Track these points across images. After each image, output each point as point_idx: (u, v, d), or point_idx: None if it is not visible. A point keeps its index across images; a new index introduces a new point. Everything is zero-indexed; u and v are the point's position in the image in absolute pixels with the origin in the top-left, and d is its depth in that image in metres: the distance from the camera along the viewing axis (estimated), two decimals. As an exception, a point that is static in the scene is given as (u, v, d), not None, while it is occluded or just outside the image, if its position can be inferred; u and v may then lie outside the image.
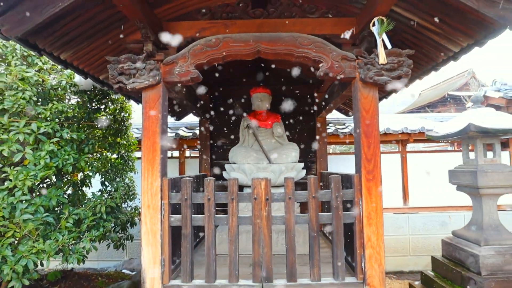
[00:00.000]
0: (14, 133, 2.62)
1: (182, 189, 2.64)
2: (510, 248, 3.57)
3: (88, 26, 2.42)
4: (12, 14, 2.00)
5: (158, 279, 2.57)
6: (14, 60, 2.81)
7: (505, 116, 3.71)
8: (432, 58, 2.85)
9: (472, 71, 24.68)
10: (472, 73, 24.60)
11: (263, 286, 2.60)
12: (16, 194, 2.61)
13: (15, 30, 2.02)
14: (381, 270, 2.59)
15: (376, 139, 2.61)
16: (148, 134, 2.60)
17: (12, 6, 1.99)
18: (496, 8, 2.00)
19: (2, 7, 1.97)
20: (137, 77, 2.55)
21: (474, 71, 24.89)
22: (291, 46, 2.62)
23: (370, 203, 2.60)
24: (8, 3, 1.97)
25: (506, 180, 3.65)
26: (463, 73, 25.50)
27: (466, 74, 24.79)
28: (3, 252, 2.51)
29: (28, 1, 1.98)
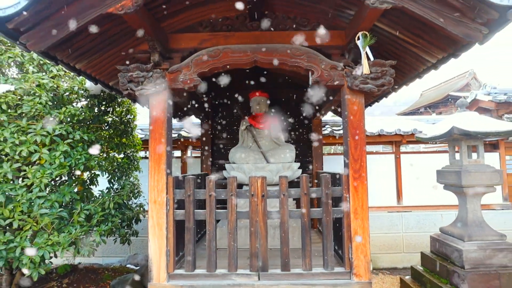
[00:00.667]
0: (32, 135, 2.93)
1: (186, 186, 2.94)
2: (492, 243, 3.86)
3: (101, 40, 2.72)
4: (36, 31, 2.31)
5: (163, 268, 2.87)
6: (32, 67, 3.11)
7: (486, 119, 4.01)
8: (414, 67, 3.15)
9: (473, 71, 24.92)
10: (473, 74, 24.84)
11: (259, 274, 2.90)
12: (34, 190, 2.91)
13: (38, 45, 2.32)
14: (366, 261, 2.89)
15: (362, 141, 2.91)
16: (154, 136, 2.90)
17: (36, 24, 2.29)
18: (462, 27, 2.30)
19: (27, 25, 2.27)
20: (145, 84, 2.85)
21: (475, 71, 25.12)
22: (285, 56, 2.92)
23: (356, 200, 2.90)
24: (33, 22, 2.27)
25: (489, 180, 3.95)
26: (464, 74, 25.75)
27: (467, 75, 25.03)
28: (22, 244, 2.81)
29: (51, 20, 2.28)
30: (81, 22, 2.29)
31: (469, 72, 24.95)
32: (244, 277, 2.89)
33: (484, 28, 2.33)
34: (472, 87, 23.15)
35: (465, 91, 23.56)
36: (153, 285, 2.87)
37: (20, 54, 3.09)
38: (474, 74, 24.92)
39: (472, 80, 24.42)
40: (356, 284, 2.85)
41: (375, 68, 2.80)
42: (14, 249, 2.79)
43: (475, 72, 25.17)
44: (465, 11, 2.31)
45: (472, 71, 24.91)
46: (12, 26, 2.23)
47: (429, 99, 25.34)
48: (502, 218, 5.91)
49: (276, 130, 4.43)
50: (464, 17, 2.33)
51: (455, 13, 2.31)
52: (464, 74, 25.54)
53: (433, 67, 3.07)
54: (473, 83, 23.97)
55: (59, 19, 2.29)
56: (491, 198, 5.92)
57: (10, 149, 2.81)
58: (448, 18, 2.32)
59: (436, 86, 27.74)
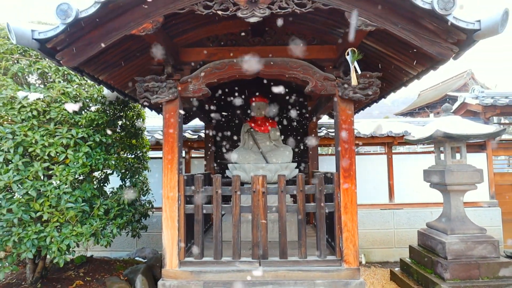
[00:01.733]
0: (59, 137, 3.34)
1: (195, 184, 3.36)
2: (472, 236, 4.30)
3: (121, 55, 3.14)
4: (69, 50, 2.72)
5: (175, 255, 3.30)
6: (58, 78, 3.52)
7: (468, 123, 4.44)
8: (398, 78, 3.57)
9: (471, 72, 25.30)
10: (471, 74, 25.21)
11: (260, 261, 3.32)
12: (61, 187, 3.32)
13: (71, 62, 2.73)
14: (355, 249, 3.32)
15: (352, 143, 3.33)
16: (168, 139, 3.32)
17: (70, 44, 2.70)
18: (436, 46, 2.72)
19: (63, 45, 2.68)
20: (159, 93, 3.27)
21: (473, 72, 25.50)
22: (283, 69, 3.34)
23: (346, 196, 3.32)
24: (67, 42, 2.68)
25: (470, 178, 4.38)
26: (462, 74, 26.12)
27: (465, 75, 25.39)
28: (51, 233, 3.22)
29: (82, 41, 2.69)
30: (108, 42, 2.71)
31: (467, 72, 25.33)
32: (247, 264, 3.32)
33: (455, 47, 2.76)
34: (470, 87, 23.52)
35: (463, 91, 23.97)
36: (167, 270, 3.30)
37: (48, 65, 3.49)
38: (472, 74, 25.28)
39: (470, 80, 24.78)
40: (346, 270, 3.28)
41: (363, 80, 3.23)
42: (44, 238, 3.20)
43: (473, 72, 25.53)
44: (439, 33, 2.73)
45: (470, 71, 25.29)
46: (50, 46, 2.64)
47: (427, 99, 25.74)
48: (489, 215, 6.35)
49: (274, 132, 4.85)
50: (437, 38, 2.75)
51: (430, 34, 2.73)
52: (462, 74, 25.92)
53: (415, 77, 3.49)
54: (471, 83, 24.30)
55: (89, 39, 2.70)
56: (479, 196, 6.37)
57: (40, 150, 3.22)
58: (424, 39, 2.75)
59: (434, 86, 28.13)
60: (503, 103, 6.12)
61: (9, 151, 3.16)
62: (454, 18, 2.55)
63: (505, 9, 2.49)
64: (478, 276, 4.10)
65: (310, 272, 3.28)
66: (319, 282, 3.24)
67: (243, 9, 2.69)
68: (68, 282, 4.00)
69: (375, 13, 2.71)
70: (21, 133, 3.18)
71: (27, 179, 3.19)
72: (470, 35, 2.64)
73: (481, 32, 2.55)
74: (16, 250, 3.18)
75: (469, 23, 2.56)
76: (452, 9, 2.51)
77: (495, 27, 2.51)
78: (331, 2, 2.69)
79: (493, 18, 2.51)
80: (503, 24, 2.52)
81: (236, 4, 2.69)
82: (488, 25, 2.53)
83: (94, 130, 3.67)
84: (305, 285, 3.23)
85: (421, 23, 2.69)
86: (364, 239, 6.27)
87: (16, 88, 3.30)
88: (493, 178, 6.38)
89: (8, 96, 3.23)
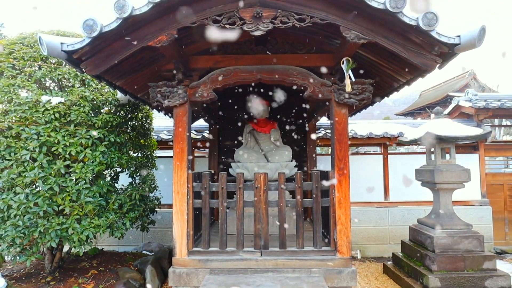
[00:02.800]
0: (78, 138, 3.70)
1: (203, 180, 3.72)
2: (459, 231, 4.66)
3: (137, 63, 3.49)
4: (92, 60, 3.07)
5: (184, 245, 3.66)
6: (76, 83, 3.88)
7: (457, 125, 4.80)
8: (390, 84, 3.93)
9: (473, 72, 25.51)
10: (473, 74, 25.40)
11: (261, 251, 3.69)
12: (80, 183, 3.68)
13: (94, 71, 3.09)
14: (348, 241, 3.68)
15: (346, 144, 3.69)
16: (178, 139, 3.68)
17: (93, 55, 3.06)
18: (421, 58, 3.07)
19: (86, 56, 3.04)
20: (170, 98, 3.63)
21: (475, 72, 25.70)
22: (284, 75, 3.70)
23: (341, 192, 3.68)
24: (91, 53, 3.04)
25: (458, 178, 4.74)
26: (464, 74, 26.35)
27: (467, 75, 25.60)
28: (72, 225, 3.59)
29: (104, 52, 3.05)
30: (127, 53, 3.06)
31: (469, 72, 25.53)
32: (249, 254, 3.68)
33: (438, 58, 3.11)
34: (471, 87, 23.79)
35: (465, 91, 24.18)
36: (177, 259, 3.67)
37: (67, 71, 3.85)
38: (474, 75, 25.47)
39: (472, 80, 24.98)
40: (340, 259, 3.64)
41: (357, 86, 3.58)
42: (65, 229, 3.56)
43: (475, 72, 25.72)
44: (424, 46, 3.08)
45: (472, 72, 25.49)
46: (76, 56, 3.00)
47: (429, 99, 26.00)
48: (480, 213, 6.71)
49: (275, 133, 5.22)
50: (423, 50, 3.10)
51: (416, 47, 3.09)
52: (464, 75, 26.13)
53: (405, 84, 3.85)
54: (472, 83, 24.49)
55: (110, 51, 3.06)
56: (471, 195, 6.73)
57: (62, 149, 3.58)
58: (411, 51, 3.10)
59: (436, 87, 28.40)
60: (495, 106, 6.47)
61: (35, 150, 3.52)
62: (437, 33, 2.90)
63: (482, 26, 2.84)
64: (463, 268, 4.46)
65: (306, 261, 3.64)
66: (315, 270, 3.61)
67: (249, 23, 3.05)
68: (83, 272, 4.38)
69: (367, 27, 3.06)
70: (45, 134, 3.55)
71: (50, 176, 3.56)
72: (451, 48, 2.99)
73: (461, 46, 2.91)
74: (41, 240, 3.54)
75: (450, 38, 2.91)
76: (435, 26, 2.86)
77: (473, 41, 2.86)
78: (328, 18, 3.05)
79: (471, 33, 2.86)
80: (480, 39, 2.87)
81: (242, 19, 3.05)
82: (467, 40, 2.88)
83: (109, 131, 4.02)
84: (302, 273, 3.60)
85: (408, 37, 3.05)
86: (360, 236, 6.65)
87: (40, 93, 3.66)
88: (484, 178, 6.74)
89: (33, 100, 3.59)
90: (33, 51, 3.86)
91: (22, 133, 3.54)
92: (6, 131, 3.59)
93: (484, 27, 2.83)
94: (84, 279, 4.15)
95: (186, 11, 2.99)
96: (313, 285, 3.35)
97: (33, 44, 3.91)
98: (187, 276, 3.62)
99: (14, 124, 3.57)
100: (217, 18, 3.05)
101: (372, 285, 5.02)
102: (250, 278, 3.53)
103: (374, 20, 3.02)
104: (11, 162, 3.53)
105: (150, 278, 4.52)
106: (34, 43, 3.91)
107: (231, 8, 3.02)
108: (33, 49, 3.88)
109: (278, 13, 3.03)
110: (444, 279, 4.34)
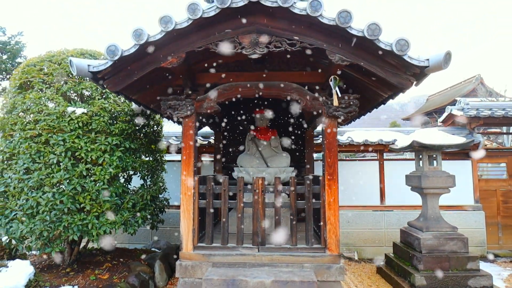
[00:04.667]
0: (98, 144, 4.28)
1: (207, 183, 4.27)
2: (445, 234, 5.10)
3: (151, 81, 4.07)
4: (114, 78, 3.66)
5: (190, 241, 4.20)
6: (97, 95, 4.49)
7: (443, 135, 5.26)
8: (375, 98, 4.44)
9: (480, 76, 25.59)
10: (480, 79, 25.48)
11: (259, 248, 4.21)
12: (98, 184, 4.26)
13: (114, 88, 3.68)
14: (337, 239, 4.16)
15: (335, 152, 4.19)
16: (186, 146, 4.23)
17: (114, 74, 3.64)
18: (397, 77, 3.58)
19: (108, 75, 3.63)
20: (179, 110, 4.19)
21: (482, 76, 25.77)
22: (280, 91, 4.23)
23: (330, 195, 4.18)
24: (112, 73, 3.62)
25: (443, 183, 5.19)
26: (471, 79, 26.45)
27: (474, 80, 25.71)
28: (92, 221, 4.15)
29: (124, 72, 3.63)
30: (142, 73, 3.64)
31: (476, 77, 25.63)
32: (248, 249, 4.20)
33: (412, 78, 3.61)
34: (478, 92, 23.83)
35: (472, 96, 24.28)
36: (183, 253, 4.20)
37: (89, 86, 4.45)
38: (481, 79, 25.53)
39: (479, 85, 25.05)
40: (329, 256, 4.13)
41: (344, 100, 4.09)
42: (86, 224, 4.13)
43: (482, 77, 25.78)
44: (399, 67, 3.59)
45: (479, 76, 25.57)
46: (100, 76, 3.58)
47: (435, 104, 26.19)
48: (474, 218, 7.11)
49: (275, 141, 5.75)
50: (398, 71, 3.61)
51: (393, 68, 3.59)
52: (471, 79, 26.23)
53: (389, 98, 4.35)
54: (479, 88, 24.51)
55: (129, 71, 3.64)
56: (464, 200, 7.15)
57: (84, 154, 4.17)
58: (388, 71, 3.61)
59: (443, 91, 28.52)
60: (486, 115, 6.90)
61: (61, 154, 4.12)
62: (408, 57, 3.40)
63: (447, 51, 3.33)
64: (448, 268, 4.89)
65: (299, 257, 4.14)
66: (306, 265, 4.11)
67: (247, 48, 3.60)
68: (99, 265, 4.94)
69: (349, 51, 3.58)
70: (70, 141, 4.15)
71: (74, 177, 4.14)
72: (422, 70, 3.49)
73: (429, 68, 3.41)
74: (64, 234, 4.11)
75: (420, 61, 3.41)
76: (407, 51, 3.37)
77: (440, 64, 3.36)
78: (315, 43, 3.58)
79: (438, 57, 3.36)
80: (446, 62, 3.37)
81: (241, 44, 3.60)
82: (435, 63, 3.38)
83: (124, 137, 4.60)
84: (295, 267, 4.10)
85: (385, 59, 3.56)
86: (357, 238, 7.11)
87: (66, 104, 4.26)
88: (477, 184, 7.15)
89: (60, 110, 4.19)
90: (60, 67, 4.47)
91: (50, 139, 4.15)
92: (36, 138, 4.18)
93: (449, 52, 3.33)
94: (100, 271, 4.71)
95: (194, 37, 3.56)
96: (303, 277, 3.84)
97: (60, 62, 4.53)
98: (192, 269, 4.15)
99: (43, 132, 4.18)
100: (220, 43, 3.60)
101: (365, 283, 5.48)
102: (248, 271, 4.04)
103: (355, 45, 3.53)
104: (40, 164, 4.12)
105: (159, 272, 5.07)
106: (61, 61, 4.53)
107: (232, 35, 3.59)
108: (60, 66, 4.49)
109: (272, 38, 3.58)
110: (430, 278, 4.78)
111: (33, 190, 4.10)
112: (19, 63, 17.10)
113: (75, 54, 4.62)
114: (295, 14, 3.35)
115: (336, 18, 3.31)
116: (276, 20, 3.55)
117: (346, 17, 3.31)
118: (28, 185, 4.04)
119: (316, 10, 3.29)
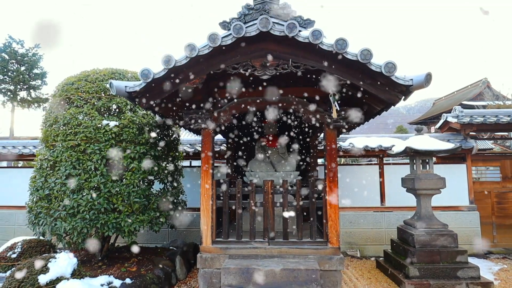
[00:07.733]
0: (128, 152, 5.04)
1: (223, 186, 5.00)
2: (436, 230, 5.77)
3: (174, 97, 4.82)
4: (144, 97, 4.42)
5: (209, 236, 4.93)
6: (127, 110, 5.26)
7: (434, 141, 5.94)
8: (370, 110, 5.15)
9: (486, 80, 26.09)
10: (486, 83, 25.96)
11: (269, 241, 4.92)
12: (129, 187, 5.00)
13: (145, 105, 4.44)
14: (337, 234, 4.86)
15: (335, 157, 4.91)
16: (205, 154, 4.98)
17: (145, 93, 4.40)
18: (387, 94, 4.29)
19: (140, 94, 4.39)
20: (199, 122, 4.94)
21: (489, 80, 26.25)
22: (287, 104, 4.97)
23: (331, 195, 4.89)
24: (143, 92, 4.38)
25: (435, 185, 5.87)
26: (477, 83, 26.96)
27: (480, 83, 26.20)
28: (124, 219, 4.90)
29: (153, 91, 4.40)
30: (169, 92, 4.40)
31: (483, 81, 26.13)
32: (260, 243, 4.92)
33: (400, 94, 4.32)
34: (485, 96, 24.27)
35: (478, 100, 24.75)
36: (203, 247, 4.93)
37: (120, 101, 5.23)
38: (488, 83, 26.00)
39: (486, 89, 25.52)
40: (331, 248, 4.83)
41: (342, 113, 4.81)
42: (119, 222, 4.87)
43: (489, 81, 26.25)
44: (388, 85, 4.30)
45: (486, 80, 26.07)
46: (134, 95, 4.35)
47: (442, 108, 26.69)
48: (468, 218, 7.74)
49: (282, 147, 6.48)
50: (387, 88, 4.31)
51: (382, 86, 4.30)
52: (478, 83, 26.73)
53: (384, 109, 5.06)
54: (486, 92, 24.97)
55: (158, 90, 4.40)
56: (460, 201, 7.79)
57: (116, 161, 4.93)
58: (379, 89, 4.32)
59: (449, 95, 29.00)
60: (479, 121, 7.57)
61: (97, 162, 4.88)
62: (395, 77, 4.11)
63: (428, 73, 4.04)
64: (439, 261, 5.56)
65: (304, 249, 4.85)
66: (311, 257, 4.81)
67: (258, 70, 4.35)
68: (126, 260, 5.69)
69: (346, 72, 4.31)
70: (105, 150, 4.90)
71: (108, 181, 4.89)
72: (407, 88, 4.20)
73: (413, 86, 4.11)
74: (101, 230, 4.86)
75: (405, 80, 4.12)
76: (394, 72, 4.08)
77: (422, 83, 4.06)
78: (316, 65, 4.32)
79: (420, 77, 4.06)
80: (428, 81, 4.07)
81: (254, 67, 4.35)
82: (417, 82, 4.09)
83: (150, 146, 5.36)
84: (301, 258, 4.80)
85: (376, 79, 4.27)
86: (359, 237, 7.78)
87: (100, 118, 5.04)
88: (472, 186, 7.79)
89: (96, 124, 4.96)
90: (95, 86, 5.25)
91: (88, 149, 4.92)
92: (76, 147, 4.95)
93: (429, 73, 4.03)
94: (128, 264, 5.45)
95: (213, 61, 4.32)
96: (308, 266, 4.55)
97: (94, 80, 5.32)
98: (211, 260, 4.88)
99: (82, 142, 4.95)
100: (236, 66, 4.37)
101: (365, 276, 6.15)
102: (260, 262, 4.75)
103: (351, 66, 4.25)
104: (79, 170, 4.89)
105: (179, 266, 5.81)
106: (95, 80, 5.32)
107: (246, 59, 4.34)
108: (95, 84, 5.28)
109: (280, 62, 4.33)
110: (422, 270, 5.45)
111: (73, 192, 4.86)
112: (36, 74, 18.31)
113: (107, 73, 5.41)
114: (299, 42, 4.09)
115: (334, 45, 4.04)
116: (283, 47, 4.30)
117: (342, 44, 4.04)
118: (70, 188, 4.80)
119: (317, 38, 4.03)
